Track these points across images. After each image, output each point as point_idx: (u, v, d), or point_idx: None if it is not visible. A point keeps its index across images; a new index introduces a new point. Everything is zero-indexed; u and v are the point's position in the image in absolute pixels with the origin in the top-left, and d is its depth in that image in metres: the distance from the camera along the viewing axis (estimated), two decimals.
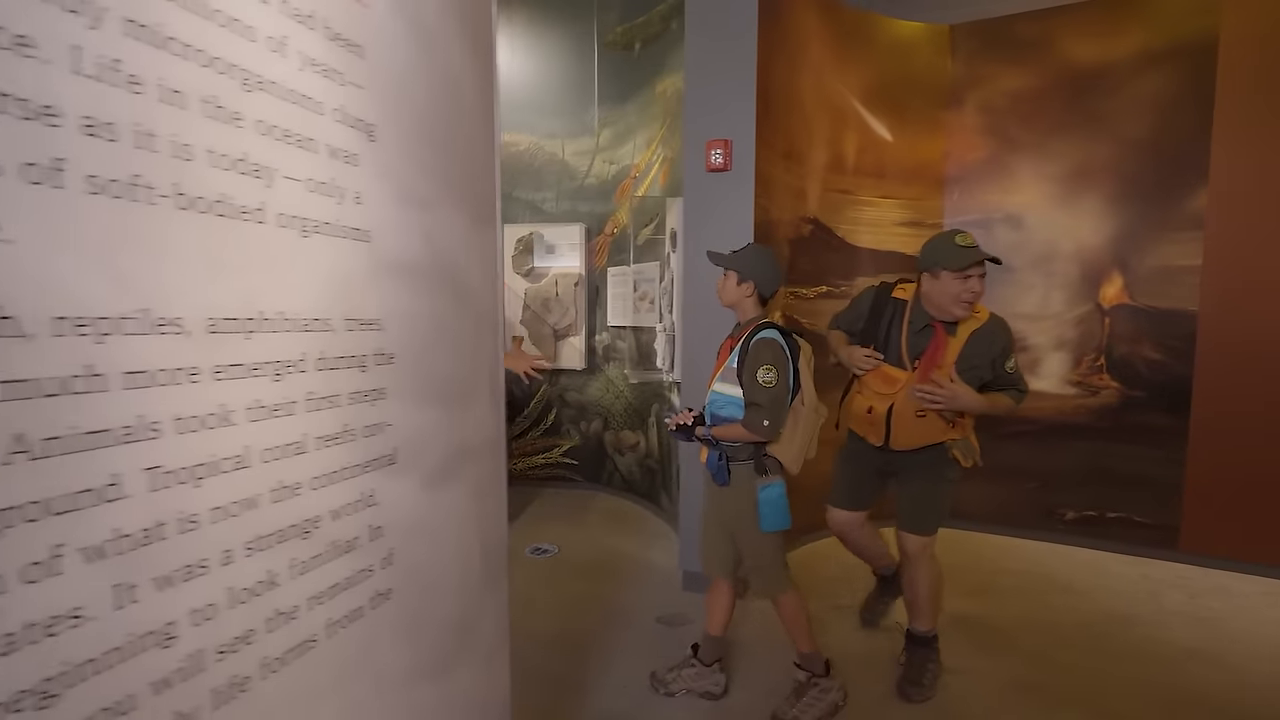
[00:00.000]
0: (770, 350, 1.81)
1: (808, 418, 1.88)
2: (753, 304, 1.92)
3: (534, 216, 4.34)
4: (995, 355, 1.97)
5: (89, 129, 0.54)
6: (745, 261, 1.91)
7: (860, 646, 2.40)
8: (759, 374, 1.78)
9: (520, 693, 1.62)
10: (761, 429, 1.79)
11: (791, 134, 3.00)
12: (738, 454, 1.88)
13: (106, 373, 0.56)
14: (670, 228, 3.03)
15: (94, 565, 0.55)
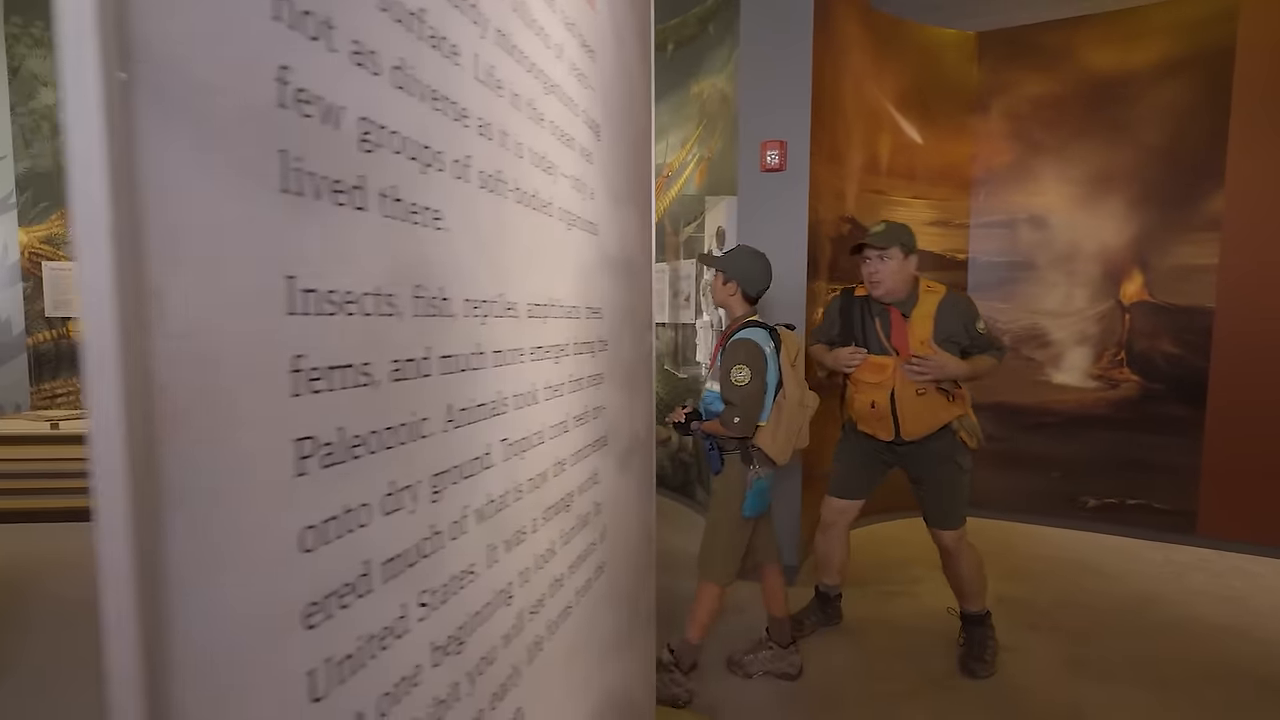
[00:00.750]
0: (744, 349, 1.88)
1: (790, 411, 1.92)
2: (738, 303, 1.99)
3: None
4: (966, 321, 2.12)
5: (481, 129, 0.59)
6: (730, 262, 1.98)
7: (914, 630, 2.50)
8: (732, 373, 1.86)
9: None
10: (733, 425, 1.86)
11: (835, 136, 3.10)
12: (727, 444, 1.97)
13: (485, 351, 0.61)
14: (717, 226, 3.11)
15: (480, 527, 0.60)
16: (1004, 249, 3.65)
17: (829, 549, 2.41)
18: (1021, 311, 3.63)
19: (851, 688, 2.12)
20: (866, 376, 2.14)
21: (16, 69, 4.25)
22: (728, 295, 1.99)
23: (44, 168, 4.30)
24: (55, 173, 4.32)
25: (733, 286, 1.97)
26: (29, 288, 4.33)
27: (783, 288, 2.75)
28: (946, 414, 2.13)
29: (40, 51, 4.25)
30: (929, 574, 2.97)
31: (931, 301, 2.11)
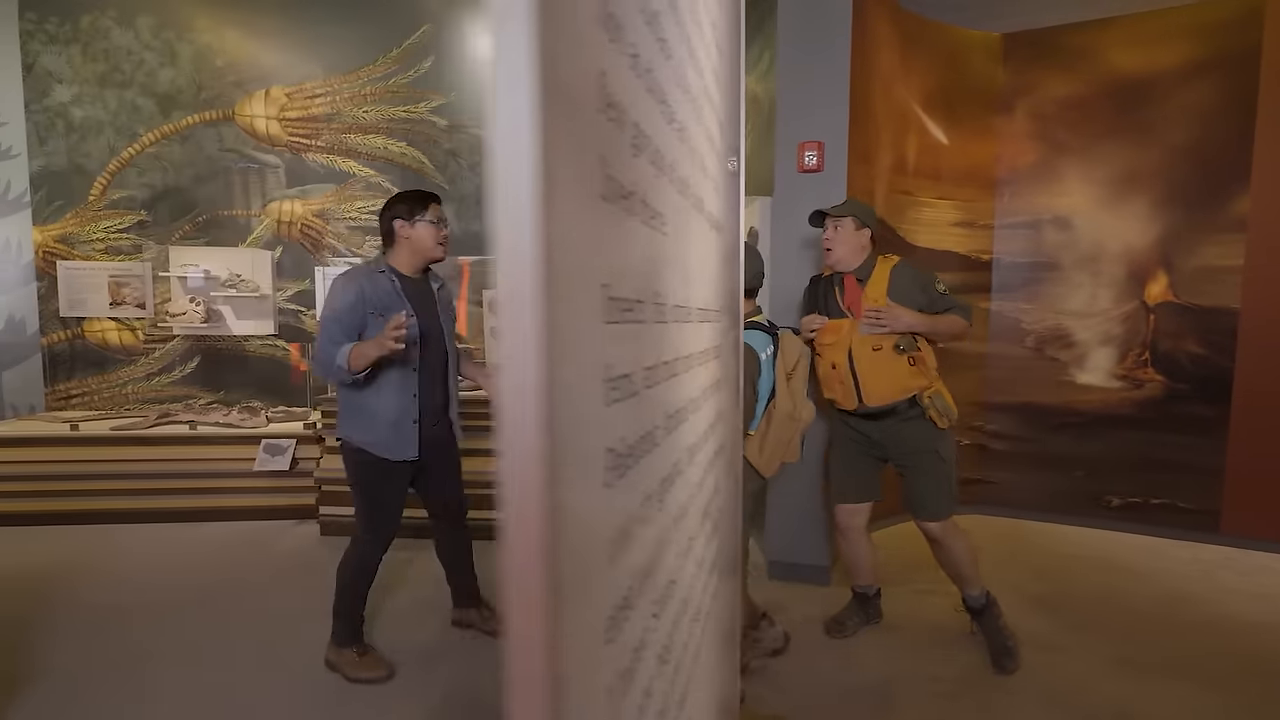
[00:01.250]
0: None
1: (780, 422, 1.85)
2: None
3: None
4: (923, 283, 2.20)
5: (679, 133, 0.59)
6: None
7: (955, 627, 2.51)
8: None
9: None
10: None
11: (866, 136, 3.10)
12: None
13: (681, 357, 0.60)
14: (749, 226, 3.10)
15: (676, 533, 0.60)
16: (1028, 250, 3.67)
17: (853, 553, 2.43)
18: (1046, 312, 3.66)
19: (903, 688, 2.13)
20: (825, 339, 2.27)
21: (31, 66, 4.19)
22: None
23: (58, 166, 4.25)
24: (69, 171, 4.26)
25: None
26: (43, 287, 4.28)
27: None
28: (911, 380, 2.17)
29: (54, 48, 4.20)
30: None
31: (886, 267, 2.23)
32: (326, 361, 1.97)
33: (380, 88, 4.35)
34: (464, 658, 2.30)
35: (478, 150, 4.37)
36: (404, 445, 2.09)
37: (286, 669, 2.22)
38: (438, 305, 2.19)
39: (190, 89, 4.29)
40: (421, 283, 2.16)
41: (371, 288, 2.01)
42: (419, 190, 2.10)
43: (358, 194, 4.41)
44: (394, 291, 2.04)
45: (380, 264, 2.09)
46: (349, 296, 1.98)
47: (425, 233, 2.05)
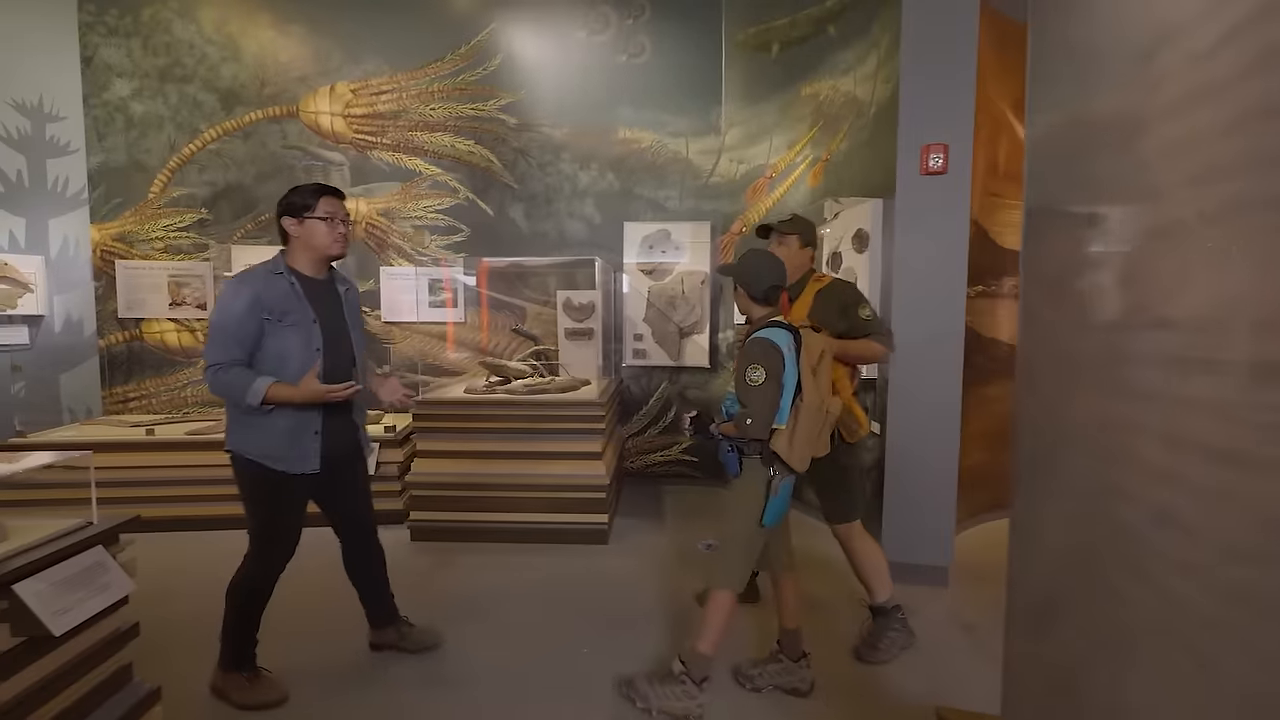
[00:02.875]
0: (759, 349, 1.84)
1: (808, 415, 1.84)
2: (754, 306, 1.97)
3: (656, 214, 4.34)
4: (844, 305, 2.25)
5: None
6: (736, 269, 1.96)
7: None
8: (746, 373, 1.83)
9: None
10: (744, 426, 1.83)
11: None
12: (749, 448, 1.91)
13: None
14: (856, 229, 3.11)
15: None
16: None
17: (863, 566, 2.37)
18: None
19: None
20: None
21: (90, 59, 4.06)
22: (744, 299, 1.98)
23: (117, 162, 4.13)
24: (128, 167, 4.14)
25: (744, 291, 1.96)
26: (101, 287, 4.16)
27: (941, 293, 2.77)
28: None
29: (114, 41, 4.07)
30: None
31: (814, 288, 2.33)
32: (229, 386, 1.82)
33: (448, 84, 4.29)
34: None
35: (548, 149, 4.33)
36: (303, 458, 1.93)
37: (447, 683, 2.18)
38: (344, 309, 2.05)
39: (253, 84, 4.19)
40: (326, 284, 2.01)
41: (268, 290, 1.85)
42: (314, 184, 1.96)
43: (424, 193, 4.34)
44: (294, 294, 1.90)
45: (278, 264, 1.93)
46: (241, 302, 1.82)
47: (316, 229, 1.90)
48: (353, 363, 2.05)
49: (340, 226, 1.94)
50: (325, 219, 1.90)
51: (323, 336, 1.92)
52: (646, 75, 4.27)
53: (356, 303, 2.15)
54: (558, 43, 4.29)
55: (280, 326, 1.86)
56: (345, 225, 1.96)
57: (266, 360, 1.87)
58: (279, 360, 1.87)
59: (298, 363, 1.88)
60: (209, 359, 1.83)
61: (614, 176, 4.34)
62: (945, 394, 2.79)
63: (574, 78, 4.29)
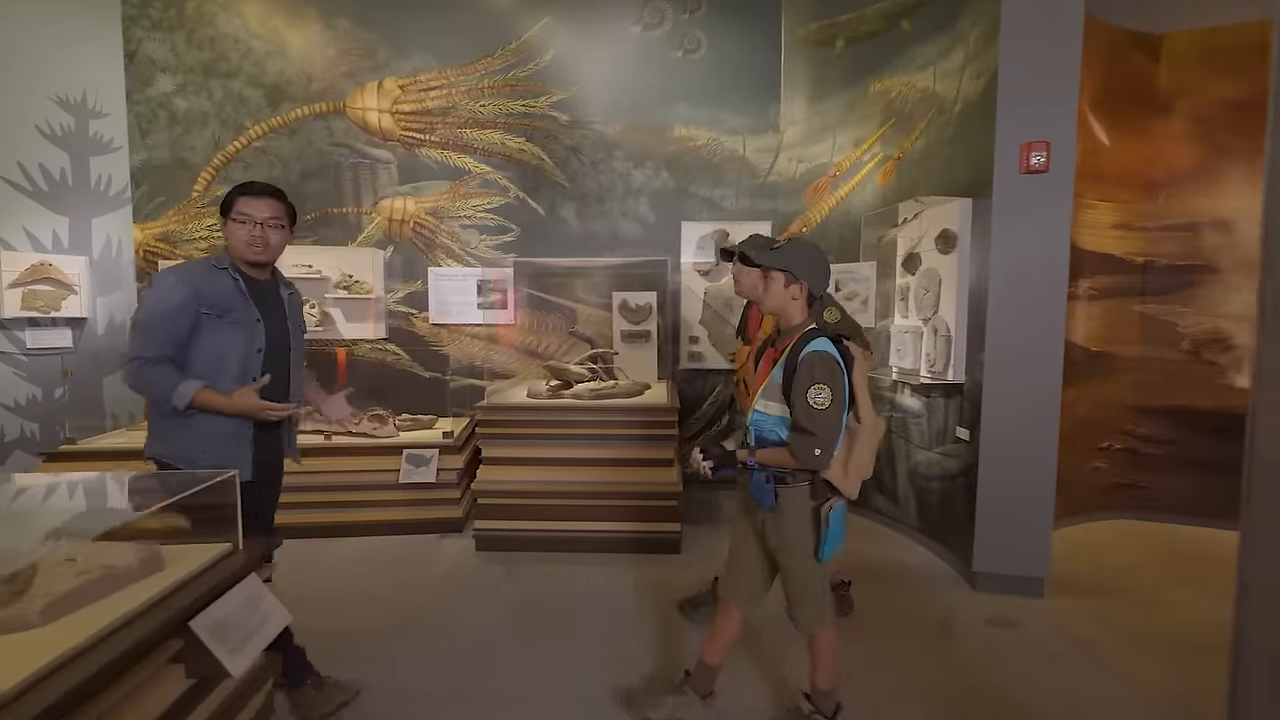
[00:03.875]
0: (824, 366, 1.57)
1: (865, 436, 1.70)
2: (800, 308, 1.68)
3: (712, 214, 4.24)
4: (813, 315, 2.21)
5: None
6: (794, 260, 1.65)
7: (1202, 647, 2.44)
8: (810, 394, 1.57)
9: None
10: (812, 459, 1.59)
11: None
12: (793, 477, 1.68)
13: None
14: (941, 229, 3.01)
15: None
16: (1185, 252, 3.64)
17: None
18: (1203, 315, 3.63)
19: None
20: (737, 362, 2.53)
21: (133, 54, 3.94)
22: (789, 299, 1.67)
23: (160, 160, 4.01)
24: (172, 165, 4.03)
25: (797, 289, 1.66)
26: (144, 288, 4.04)
27: (1040, 296, 2.68)
28: None
29: (158, 35, 3.95)
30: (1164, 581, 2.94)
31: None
32: (152, 384, 1.67)
33: (498, 80, 4.18)
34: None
35: (600, 147, 4.23)
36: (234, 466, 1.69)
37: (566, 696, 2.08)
38: (286, 313, 1.93)
39: (300, 80, 4.08)
40: (269, 286, 1.90)
41: (209, 285, 1.74)
42: (248, 181, 1.83)
43: (473, 191, 4.24)
44: (237, 291, 1.78)
45: (222, 259, 1.81)
46: (178, 295, 1.69)
47: (232, 232, 1.77)
48: (290, 370, 1.92)
49: (256, 230, 1.77)
50: (241, 221, 1.76)
51: (266, 338, 1.81)
52: (703, 71, 4.17)
53: (299, 307, 2.03)
54: (611, 38, 4.18)
55: (221, 323, 1.73)
56: (269, 229, 1.78)
57: (203, 359, 1.73)
58: (217, 360, 1.74)
59: (238, 362, 1.76)
60: (134, 351, 1.68)
61: (668, 175, 4.24)
62: (1043, 401, 2.70)
63: (628, 73, 4.19)
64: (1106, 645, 2.41)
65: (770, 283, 1.68)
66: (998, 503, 2.77)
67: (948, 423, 3.11)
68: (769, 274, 1.68)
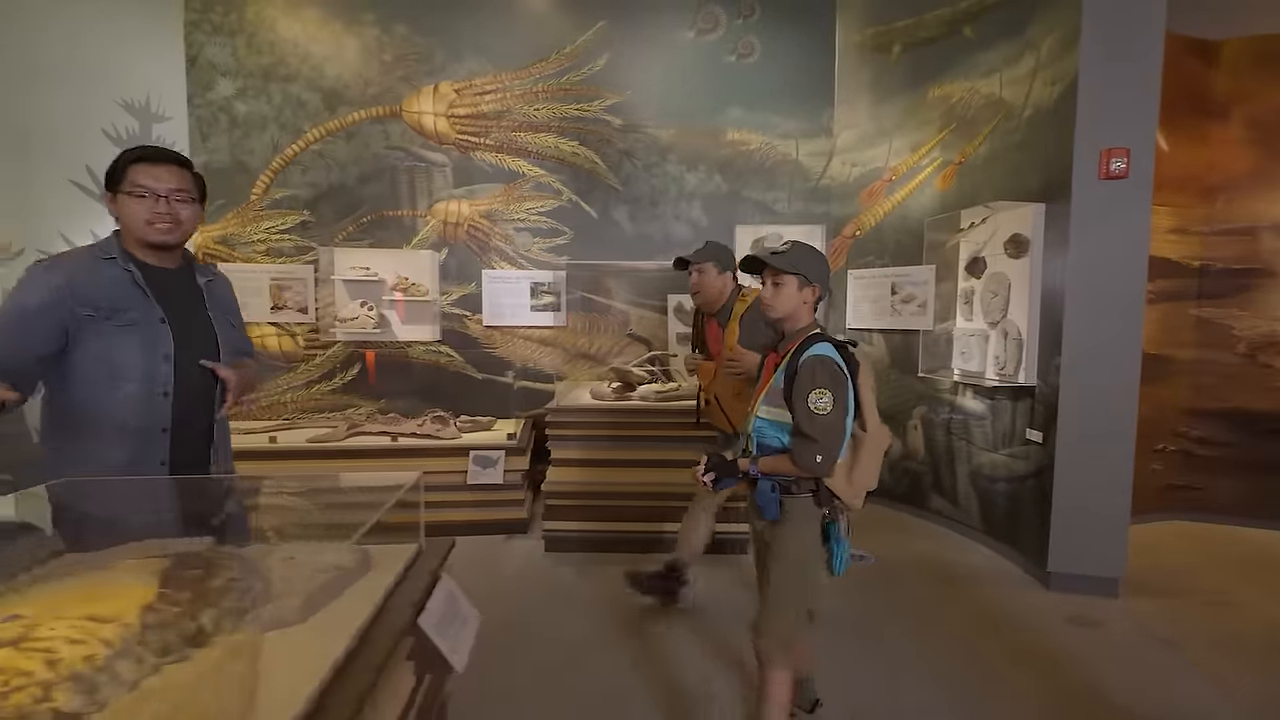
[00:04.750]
0: (826, 370, 1.52)
1: (871, 445, 1.63)
2: (808, 311, 1.63)
3: (765, 217, 4.28)
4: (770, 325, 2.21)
5: None
6: (808, 262, 1.60)
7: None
8: (811, 399, 1.50)
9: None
10: (814, 465, 1.53)
11: None
12: (797, 485, 1.60)
13: None
14: (1012, 233, 3.05)
15: None
16: (1242, 256, 3.67)
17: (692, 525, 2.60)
18: (1259, 319, 3.66)
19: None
20: (703, 379, 2.58)
21: (195, 58, 3.97)
22: (799, 303, 1.61)
23: (220, 163, 4.04)
24: (231, 168, 4.06)
25: (810, 292, 1.61)
26: None
27: (1119, 301, 2.72)
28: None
29: (219, 39, 3.98)
30: (1230, 582, 2.98)
31: (739, 310, 2.40)
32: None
33: (553, 85, 4.21)
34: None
35: (654, 150, 4.26)
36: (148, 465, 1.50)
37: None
38: (208, 309, 1.59)
39: (357, 84, 4.11)
40: (179, 275, 1.56)
41: (89, 280, 1.42)
42: (140, 145, 1.51)
43: (527, 194, 4.27)
44: (132, 284, 1.46)
45: (109, 247, 1.48)
46: (39, 292, 1.38)
47: (126, 209, 1.45)
48: (213, 378, 1.54)
49: (160, 205, 1.44)
50: (139, 195, 1.43)
51: (174, 342, 1.48)
52: (756, 76, 4.21)
53: (229, 296, 1.68)
54: (665, 42, 4.22)
55: (110, 327, 1.42)
56: (176, 204, 1.46)
57: (92, 369, 1.42)
58: (110, 370, 1.42)
59: (138, 374, 1.44)
60: None
61: (721, 179, 4.28)
62: (1121, 403, 2.73)
63: (681, 78, 4.23)
64: (1189, 646, 2.44)
65: (782, 287, 1.61)
66: (1074, 503, 2.81)
67: (1015, 425, 3.14)
68: (780, 278, 1.60)
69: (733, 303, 2.43)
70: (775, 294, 1.62)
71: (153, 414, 1.46)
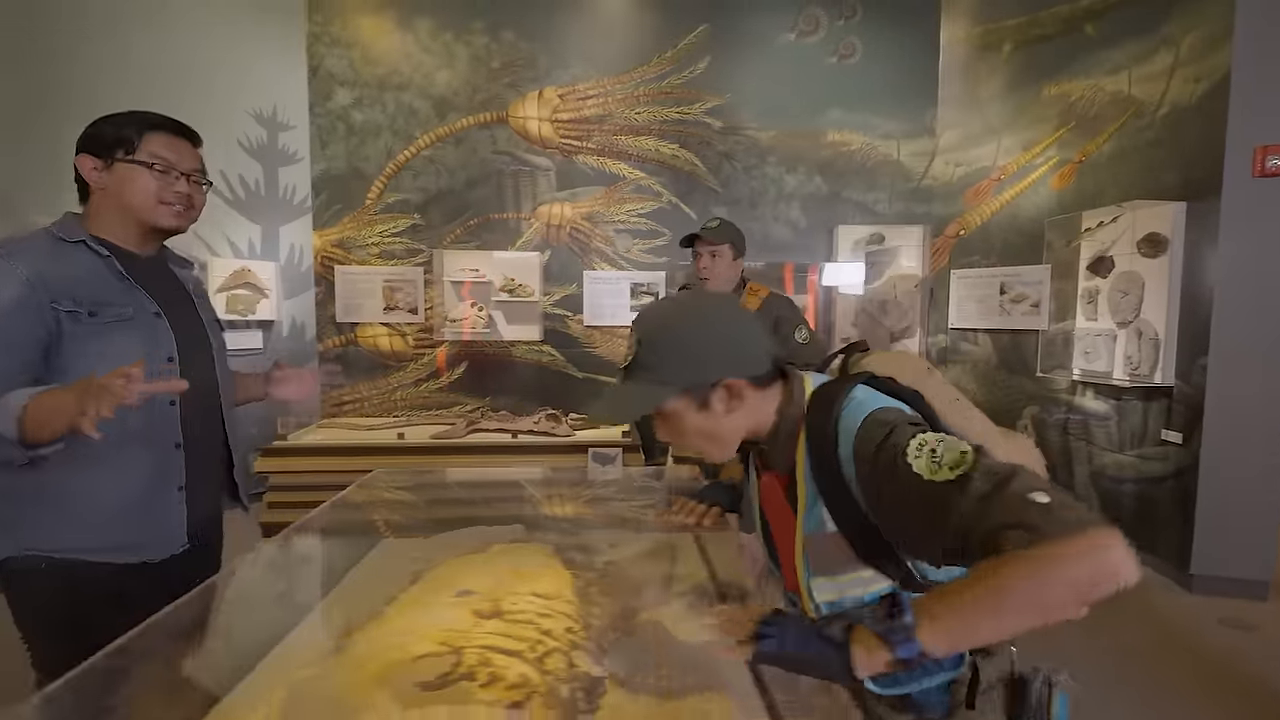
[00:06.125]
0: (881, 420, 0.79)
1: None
2: (764, 403, 0.91)
3: (865, 218, 4.29)
4: (785, 331, 2.06)
5: None
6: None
7: None
8: (920, 467, 0.70)
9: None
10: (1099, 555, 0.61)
11: None
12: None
13: None
14: (1146, 232, 3.03)
15: None
16: None
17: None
18: None
19: None
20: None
21: (316, 69, 4.13)
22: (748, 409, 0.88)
23: (338, 170, 4.20)
24: (348, 175, 4.21)
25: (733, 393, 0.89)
26: (321, 293, 4.23)
27: (1275, 300, 2.69)
28: None
29: (338, 51, 4.14)
30: None
31: (753, 307, 2.08)
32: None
33: (653, 88, 4.28)
34: None
35: (753, 152, 4.31)
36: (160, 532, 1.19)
37: None
38: (195, 305, 1.34)
39: (465, 91, 4.23)
40: (158, 265, 1.29)
41: (58, 268, 1.11)
42: (148, 112, 1.22)
43: (627, 196, 4.35)
44: (109, 271, 1.17)
45: (71, 228, 1.17)
46: (11, 288, 1.06)
47: (135, 181, 1.17)
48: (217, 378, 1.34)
49: (181, 184, 1.21)
50: (160, 169, 1.19)
51: (176, 340, 1.22)
52: (857, 77, 4.22)
53: (204, 293, 1.43)
54: (765, 45, 4.26)
55: (99, 325, 1.12)
56: (195, 185, 1.24)
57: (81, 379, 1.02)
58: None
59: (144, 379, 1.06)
60: None
61: (821, 180, 4.30)
62: (1272, 404, 2.70)
63: (781, 80, 4.26)
64: None
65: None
66: (1221, 505, 2.78)
67: (1148, 425, 3.12)
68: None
69: (741, 297, 2.11)
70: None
71: (163, 426, 1.19)
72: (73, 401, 0.93)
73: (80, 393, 0.92)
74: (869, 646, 0.64)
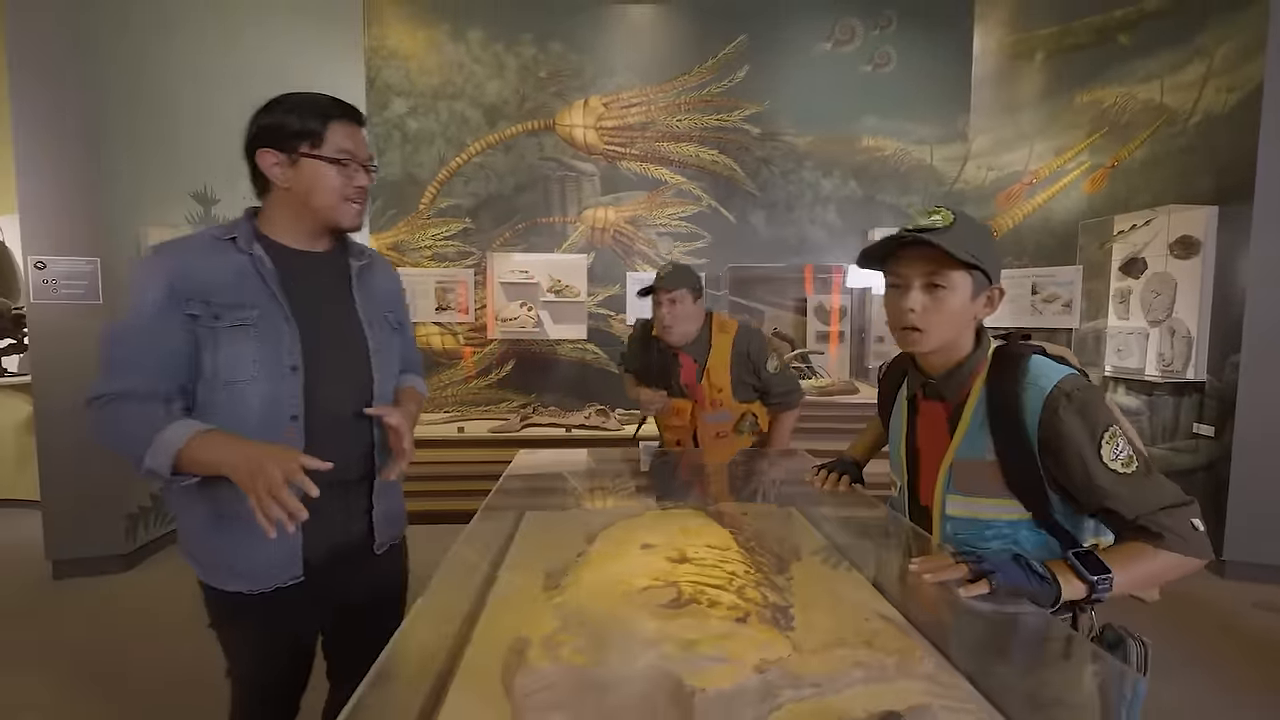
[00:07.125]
0: (1097, 400, 0.97)
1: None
2: (979, 327, 1.10)
3: (898, 220, 4.44)
4: (756, 363, 2.02)
5: None
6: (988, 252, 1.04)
7: None
8: (1107, 456, 0.93)
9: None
10: (1199, 544, 0.92)
11: None
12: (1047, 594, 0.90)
13: None
14: (1178, 234, 3.17)
15: None
16: None
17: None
18: None
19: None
20: (669, 419, 2.14)
21: (373, 80, 4.33)
22: (971, 317, 1.06)
23: (394, 176, 4.39)
24: (403, 181, 4.40)
25: (986, 299, 1.06)
26: None
27: None
28: (747, 442, 2.10)
29: (394, 62, 4.33)
30: None
31: (725, 344, 2.02)
32: (118, 432, 0.99)
33: (694, 97, 4.45)
34: None
35: (790, 158, 4.47)
36: (272, 559, 1.09)
37: None
38: (356, 302, 1.18)
39: (514, 100, 4.42)
40: (326, 260, 1.17)
41: (202, 268, 1.05)
42: (315, 96, 1.13)
43: (668, 200, 4.52)
44: (253, 274, 1.08)
45: (239, 225, 1.11)
46: (154, 292, 1.02)
47: (322, 179, 1.09)
48: (371, 390, 1.16)
49: (361, 178, 1.12)
50: (340, 162, 1.09)
51: (303, 347, 1.08)
52: (891, 84, 4.38)
53: (390, 287, 1.28)
54: (803, 54, 4.42)
55: (220, 329, 1.04)
56: (364, 176, 1.13)
57: (203, 392, 1.05)
58: (226, 394, 1.05)
59: (257, 398, 1.05)
60: (92, 389, 1.02)
61: (856, 184, 4.46)
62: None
63: (818, 88, 4.42)
64: None
65: (951, 295, 1.01)
66: (1253, 494, 2.92)
67: (1179, 419, 3.26)
68: (953, 281, 1.01)
69: (708, 331, 2.04)
70: (940, 306, 1.03)
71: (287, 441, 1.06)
72: (243, 476, 0.92)
73: (249, 472, 0.91)
74: (1068, 580, 0.90)
